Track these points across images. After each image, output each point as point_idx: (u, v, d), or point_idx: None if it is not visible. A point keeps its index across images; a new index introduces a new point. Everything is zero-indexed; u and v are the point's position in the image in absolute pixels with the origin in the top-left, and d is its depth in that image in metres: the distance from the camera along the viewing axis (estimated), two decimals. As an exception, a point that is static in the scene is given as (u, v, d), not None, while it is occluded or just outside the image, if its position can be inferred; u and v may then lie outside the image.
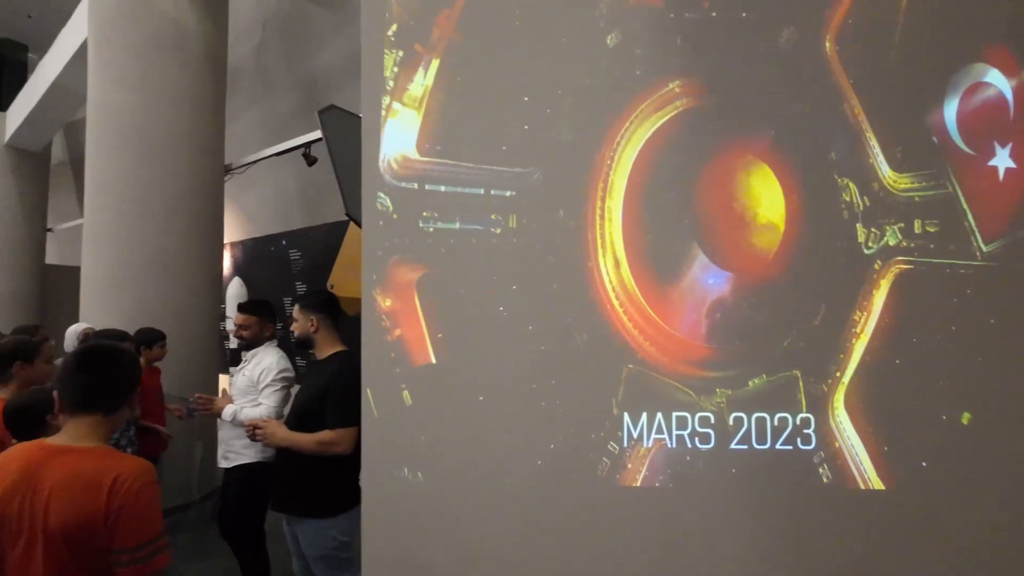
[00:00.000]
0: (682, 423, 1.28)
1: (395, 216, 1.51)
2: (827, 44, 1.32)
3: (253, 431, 2.06)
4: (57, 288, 9.09)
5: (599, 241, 1.35)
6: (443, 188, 1.42)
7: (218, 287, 4.61)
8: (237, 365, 4.84)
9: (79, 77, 6.47)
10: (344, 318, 2.38)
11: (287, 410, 2.55)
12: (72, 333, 3.83)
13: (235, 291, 4.45)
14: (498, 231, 1.43)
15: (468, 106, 1.47)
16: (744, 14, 1.35)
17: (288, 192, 6.39)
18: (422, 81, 1.44)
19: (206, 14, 4.40)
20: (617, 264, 1.34)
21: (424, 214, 1.42)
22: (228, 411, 2.55)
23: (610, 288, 1.34)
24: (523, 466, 1.32)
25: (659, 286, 1.32)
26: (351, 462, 1.99)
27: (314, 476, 2.01)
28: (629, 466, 1.29)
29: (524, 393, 1.34)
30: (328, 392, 2.01)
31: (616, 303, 1.33)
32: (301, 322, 2.17)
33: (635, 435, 1.29)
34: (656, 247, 1.33)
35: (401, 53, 1.47)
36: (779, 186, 1.32)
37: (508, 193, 1.42)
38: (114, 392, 1.30)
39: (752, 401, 1.31)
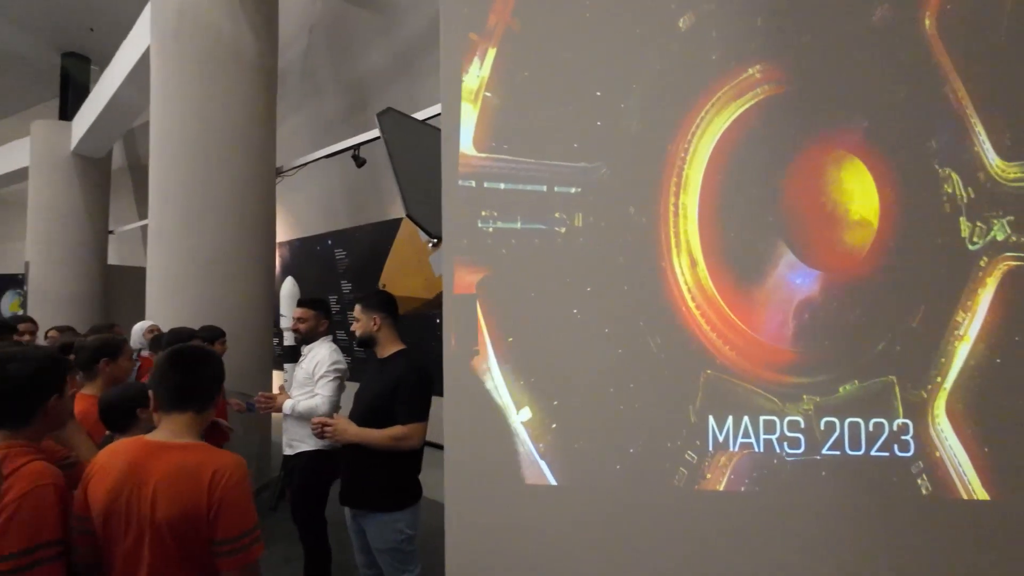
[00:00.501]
0: (770, 427, 1.20)
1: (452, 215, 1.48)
2: (926, 21, 1.21)
3: (322, 429, 2.10)
4: (118, 287, 9.57)
5: (673, 239, 1.28)
6: (502, 186, 1.38)
7: (271, 286, 4.73)
8: (288, 361, 4.97)
9: (138, 88, 6.77)
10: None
11: (341, 401, 2.72)
12: (138, 330, 4.00)
13: (288, 290, 4.56)
14: (563, 230, 1.38)
15: (528, 98, 1.41)
16: (834, -9, 1.25)
17: (333, 193, 6.51)
18: (478, 72, 1.39)
19: (258, 24, 4.51)
20: (693, 263, 1.27)
21: (483, 213, 1.38)
22: (287, 405, 2.68)
23: (685, 289, 1.27)
24: (601, 470, 1.26)
25: (740, 287, 1.24)
26: (415, 458, 2.13)
27: (382, 471, 2.06)
28: (711, 471, 1.22)
29: (602, 397, 1.29)
30: (397, 389, 2.06)
31: (692, 305, 1.26)
32: (363, 321, 2.22)
33: (720, 439, 1.22)
34: (737, 245, 1.25)
35: (455, 38, 1.43)
36: (872, 180, 1.22)
37: (573, 190, 1.37)
38: (205, 391, 1.38)
39: (843, 407, 1.22)
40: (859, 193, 1.22)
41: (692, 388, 1.24)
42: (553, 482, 1.31)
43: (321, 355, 2.75)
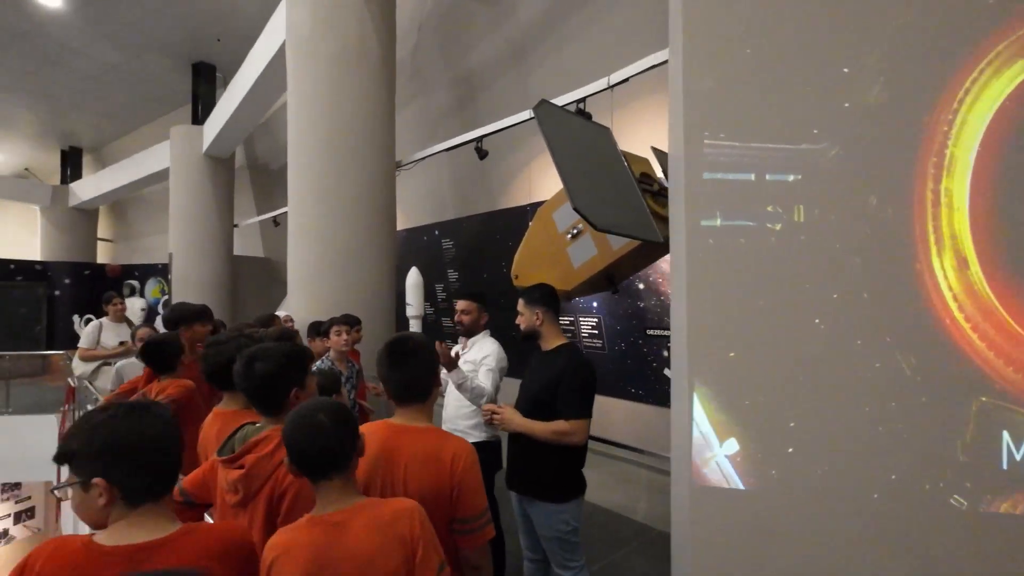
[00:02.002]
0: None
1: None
2: None
3: (491, 416, 2.18)
4: (244, 275, 10.46)
5: (932, 235, 1.06)
6: (719, 176, 1.22)
7: (393, 275, 4.90)
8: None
9: (262, 95, 7.26)
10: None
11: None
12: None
13: (414, 279, 4.69)
14: (778, 227, 1.19)
15: (729, 68, 1.23)
16: None
17: (441, 184, 6.60)
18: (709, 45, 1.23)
19: (380, 24, 4.63)
20: (963, 265, 1.04)
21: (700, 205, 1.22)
22: (456, 375, 2.48)
23: (950, 297, 1.05)
24: (857, 496, 1.09)
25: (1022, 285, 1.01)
26: (582, 452, 2.17)
27: (551, 463, 2.10)
28: (995, 498, 1.01)
29: (855, 417, 1.10)
30: (561, 384, 2.08)
31: (960, 316, 1.04)
32: (527, 316, 2.26)
33: (1003, 473, 1.00)
34: (1020, 235, 1.01)
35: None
36: None
37: (791, 177, 1.17)
38: (424, 382, 1.48)
39: None
40: None
41: (960, 418, 1.03)
42: (777, 521, 1.15)
43: (490, 349, 2.79)
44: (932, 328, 1.06)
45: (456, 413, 2.75)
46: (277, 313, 4.56)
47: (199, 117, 10.14)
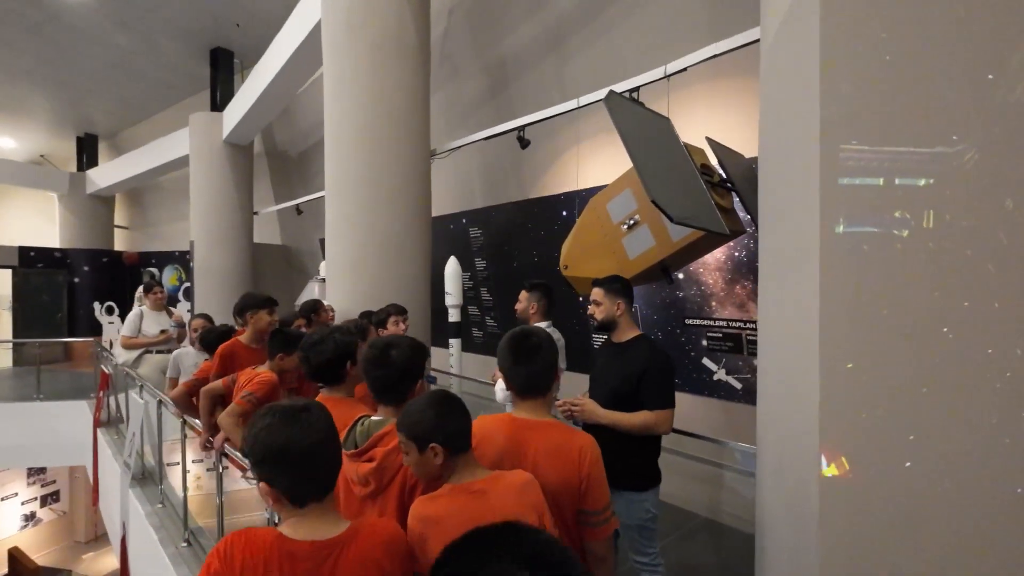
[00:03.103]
0: None
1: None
2: None
3: (571, 409, 2.17)
4: (264, 263, 10.51)
5: (1074, 243, 1.09)
6: (850, 182, 1.24)
7: (429, 264, 4.93)
8: (452, 337, 5.18)
9: (287, 82, 7.22)
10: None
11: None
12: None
13: (453, 268, 4.73)
14: (905, 234, 1.21)
15: (868, 68, 1.22)
16: None
17: (470, 173, 6.60)
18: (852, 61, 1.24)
19: (419, 10, 4.59)
20: (1107, 272, 1.07)
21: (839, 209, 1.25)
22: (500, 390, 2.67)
23: None
24: (978, 509, 1.13)
25: None
26: (658, 441, 2.23)
27: (633, 453, 2.12)
28: None
29: (980, 428, 1.13)
30: (645, 375, 2.11)
31: None
32: (607, 305, 2.28)
33: None
34: None
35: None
36: None
37: (922, 182, 1.19)
38: (546, 377, 1.52)
39: None
40: None
41: None
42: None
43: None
44: None
45: None
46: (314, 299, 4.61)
47: (218, 104, 10.10)
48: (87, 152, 13.40)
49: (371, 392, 1.56)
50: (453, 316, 4.81)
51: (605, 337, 2.43)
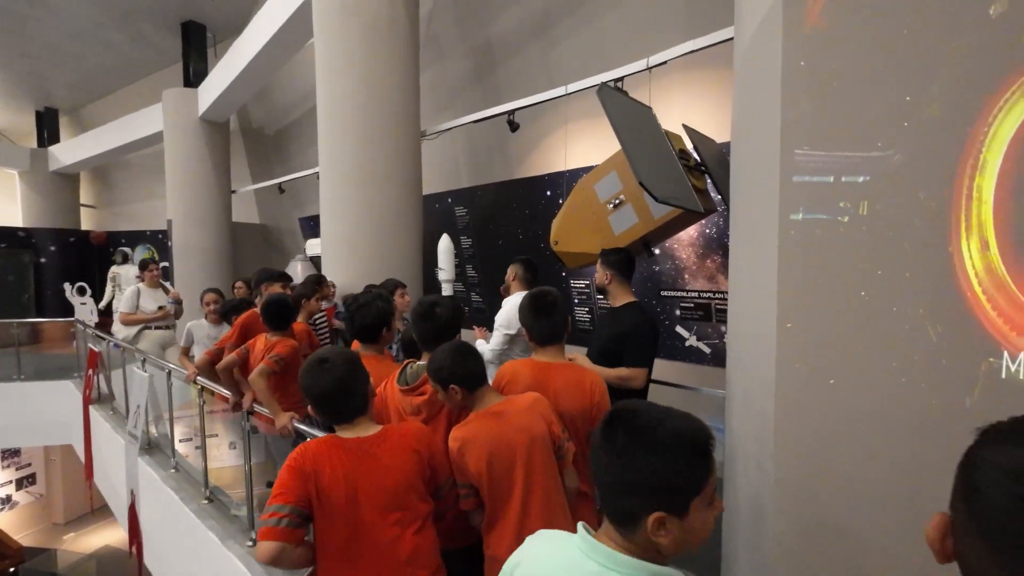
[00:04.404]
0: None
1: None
2: None
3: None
4: (242, 242, 10.51)
5: (963, 224, 1.43)
6: (807, 179, 1.58)
7: (421, 241, 5.17)
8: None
9: (269, 61, 7.19)
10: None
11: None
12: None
13: (445, 245, 4.98)
14: (845, 219, 1.55)
15: (820, 88, 1.52)
16: None
17: (456, 154, 6.81)
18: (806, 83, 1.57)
19: (409, -5, 4.74)
20: (985, 247, 1.41)
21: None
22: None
23: (972, 275, 1.41)
24: (877, 461, 1.48)
25: (1032, 266, 1.40)
26: (642, 394, 2.53)
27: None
28: None
29: (886, 370, 1.48)
30: (627, 337, 2.45)
31: (978, 289, 1.40)
32: (600, 274, 2.62)
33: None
34: (1030, 226, 1.40)
35: (802, 63, 1.59)
36: None
37: (861, 179, 1.54)
38: (563, 328, 1.88)
39: None
40: None
41: (970, 379, 1.36)
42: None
43: (504, 308, 3.21)
44: (956, 300, 1.37)
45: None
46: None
47: (191, 79, 9.92)
48: (47, 127, 12.92)
49: (418, 340, 1.88)
50: (446, 290, 5.10)
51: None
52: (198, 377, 3.45)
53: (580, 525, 0.91)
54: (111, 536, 12.01)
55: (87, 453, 6.78)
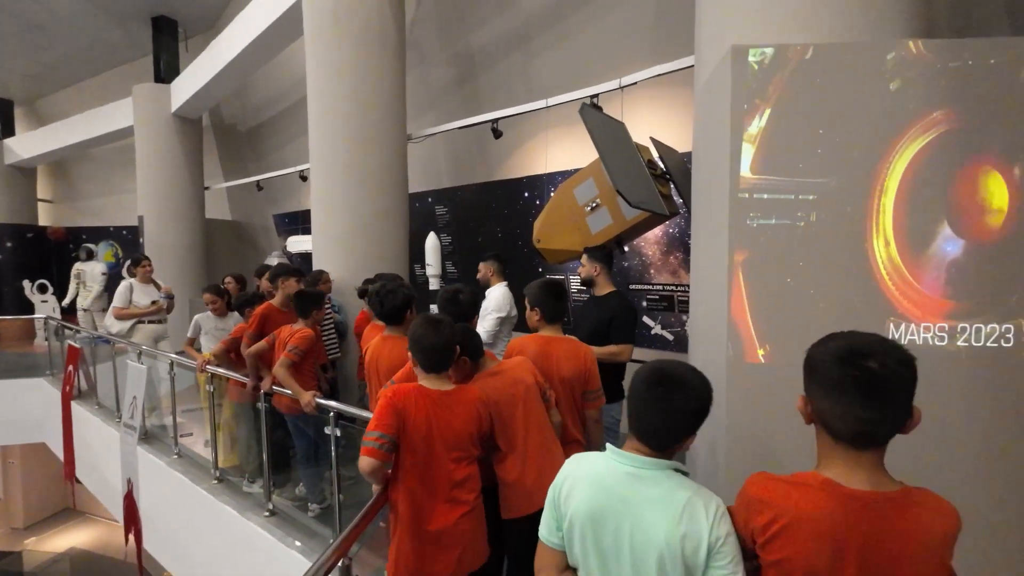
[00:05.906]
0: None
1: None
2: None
3: None
4: (215, 239, 10.49)
5: (875, 228, 1.94)
6: (765, 196, 2.04)
7: (407, 239, 5.48)
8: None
9: (251, 60, 7.30)
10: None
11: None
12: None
13: (432, 243, 5.30)
14: (802, 224, 2.03)
15: (788, 139, 2.02)
16: (992, 61, 1.86)
17: (436, 156, 7.12)
18: (758, 124, 2.03)
19: (396, 5, 5.03)
20: (887, 243, 1.94)
21: (751, 214, 2.05)
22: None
23: (880, 263, 1.94)
24: None
25: (914, 256, 1.91)
26: (623, 367, 2.99)
27: (605, 374, 2.74)
28: None
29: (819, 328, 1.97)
30: (614, 320, 2.92)
31: (884, 273, 1.94)
32: (587, 267, 3.08)
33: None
34: (915, 227, 1.90)
35: (745, 105, 2.05)
36: (1005, 183, 1.87)
37: (811, 197, 2.01)
38: (566, 308, 2.34)
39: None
40: (996, 191, 1.87)
41: (881, 329, 1.92)
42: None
43: (491, 296, 3.62)
44: (870, 280, 1.92)
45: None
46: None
47: (162, 75, 9.85)
48: (1, 119, 12.48)
49: None
50: (433, 284, 5.43)
51: (588, 294, 3.23)
52: (207, 365, 3.71)
53: (608, 445, 1.32)
54: (77, 538, 11.78)
55: (67, 449, 6.78)
